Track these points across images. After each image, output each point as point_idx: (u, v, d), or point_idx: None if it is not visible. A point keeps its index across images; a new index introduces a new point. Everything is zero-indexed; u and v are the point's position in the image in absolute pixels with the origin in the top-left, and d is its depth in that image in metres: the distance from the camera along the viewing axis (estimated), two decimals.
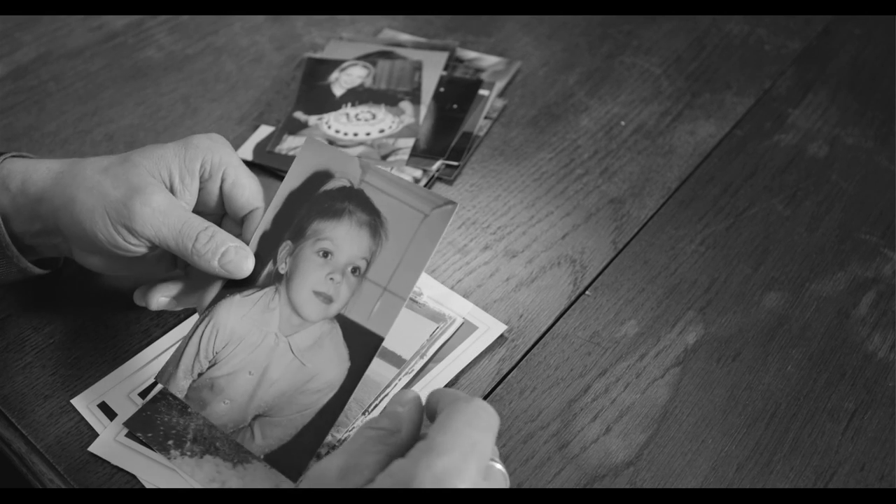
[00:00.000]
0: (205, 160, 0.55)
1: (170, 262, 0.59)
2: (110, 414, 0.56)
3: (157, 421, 0.55)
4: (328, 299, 0.53)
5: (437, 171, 0.73)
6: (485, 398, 0.57)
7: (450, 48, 0.85)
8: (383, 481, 0.39)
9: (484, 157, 0.75)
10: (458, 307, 0.62)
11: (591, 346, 0.61)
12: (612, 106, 0.80)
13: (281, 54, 0.86)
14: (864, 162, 0.75)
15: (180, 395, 0.53)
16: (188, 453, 0.53)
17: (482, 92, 0.80)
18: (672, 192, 0.72)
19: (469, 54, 0.85)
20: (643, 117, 0.79)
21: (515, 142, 0.77)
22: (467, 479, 0.38)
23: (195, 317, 0.61)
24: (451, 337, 0.60)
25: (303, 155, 0.56)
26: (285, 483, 0.51)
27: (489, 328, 0.61)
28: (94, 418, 0.55)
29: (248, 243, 0.55)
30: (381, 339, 0.51)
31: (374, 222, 0.54)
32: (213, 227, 0.53)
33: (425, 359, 0.58)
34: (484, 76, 0.82)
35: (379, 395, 0.56)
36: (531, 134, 0.77)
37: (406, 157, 0.73)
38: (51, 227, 0.55)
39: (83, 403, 0.56)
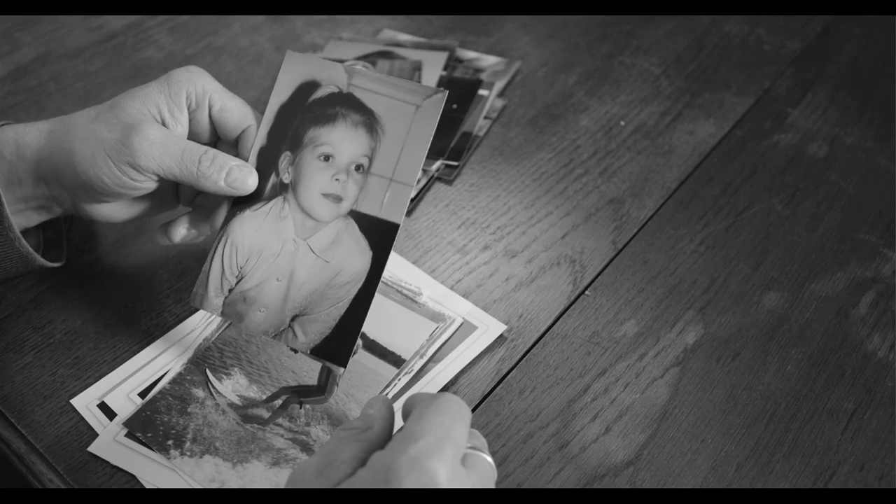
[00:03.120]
0: (189, 91, 0.56)
1: (172, 201, 0.60)
2: (110, 414, 0.56)
3: (157, 421, 0.55)
4: (337, 199, 0.55)
5: (437, 170, 0.73)
6: (484, 398, 0.57)
7: (449, 48, 0.85)
8: (363, 473, 0.40)
9: (483, 157, 0.75)
10: (458, 307, 0.62)
11: (590, 346, 0.61)
12: (612, 106, 0.80)
13: (281, 54, 0.86)
14: (864, 162, 0.75)
15: (216, 313, 0.56)
16: (188, 453, 0.53)
17: (482, 92, 0.80)
18: (672, 192, 0.72)
19: (469, 54, 0.85)
20: (643, 117, 0.79)
21: (515, 142, 0.77)
22: (444, 460, 0.39)
23: (194, 317, 0.61)
24: (450, 337, 0.60)
25: (287, 68, 0.57)
26: (283, 484, 0.51)
27: (489, 328, 0.61)
28: (94, 418, 0.55)
29: (246, 161, 0.56)
30: (397, 226, 0.54)
31: (369, 121, 0.56)
32: (212, 150, 0.55)
33: (425, 358, 0.59)
34: (483, 76, 0.82)
35: (381, 394, 0.56)
36: (531, 134, 0.77)
37: None
38: (53, 185, 0.55)
39: (83, 403, 0.56)
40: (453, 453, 0.40)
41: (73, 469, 0.53)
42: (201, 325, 0.60)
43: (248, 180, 0.55)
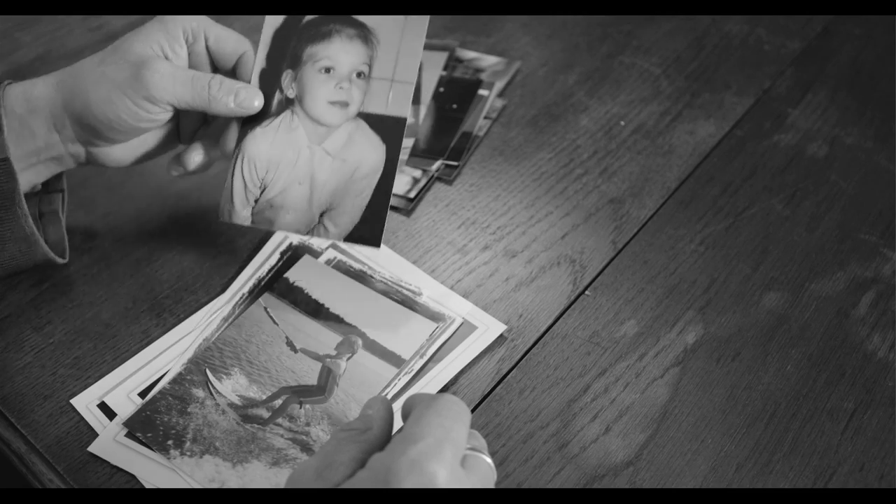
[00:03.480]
0: (185, 27, 0.59)
1: (174, 139, 0.63)
2: (110, 414, 0.55)
3: (157, 421, 0.55)
4: (344, 104, 0.60)
5: (437, 171, 0.73)
6: (484, 398, 0.57)
7: (449, 48, 0.85)
8: (362, 475, 0.40)
9: (483, 157, 0.75)
10: (458, 307, 0.62)
11: (590, 345, 0.61)
12: (612, 106, 0.80)
13: None
14: (864, 162, 0.75)
15: (247, 223, 0.60)
16: (188, 453, 0.53)
17: (482, 92, 0.80)
18: (672, 192, 0.72)
19: (468, 54, 0.85)
20: (643, 117, 0.79)
21: (515, 142, 0.77)
22: (443, 462, 0.39)
23: (194, 317, 0.61)
24: (450, 337, 0.60)
25: None
26: (282, 484, 0.51)
27: (489, 328, 0.61)
28: (94, 418, 0.55)
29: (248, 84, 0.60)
30: (404, 119, 0.59)
31: (363, 33, 0.61)
32: (219, 75, 0.58)
33: (425, 358, 0.59)
34: (483, 76, 0.82)
35: (380, 394, 0.56)
36: (531, 134, 0.77)
37: (406, 156, 0.74)
38: (66, 134, 0.58)
39: (83, 403, 0.56)
40: (453, 455, 0.40)
41: (73, 469, 0.53)
42: (202, 324, 0.60)
43: (255, 100, 0.59)
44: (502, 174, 0.74)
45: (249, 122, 0.60)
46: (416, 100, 0.79)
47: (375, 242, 0.58)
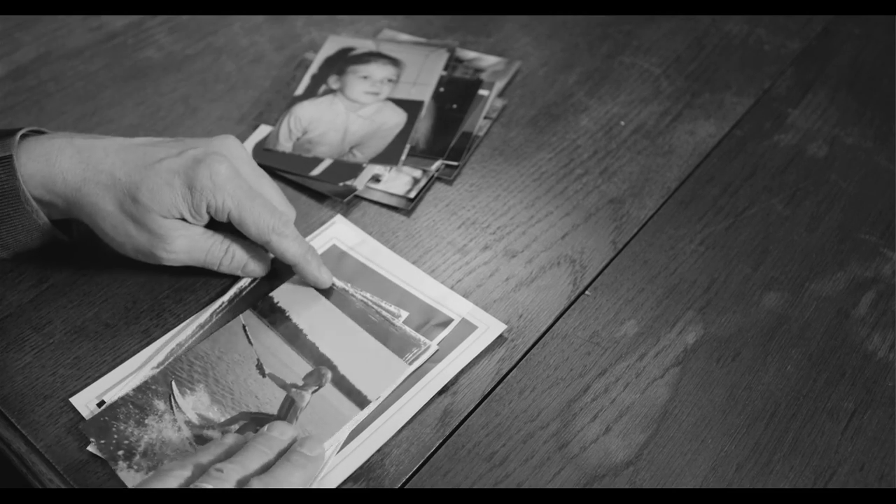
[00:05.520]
0: (209, 204, 0.58)
1: None
2: None
3: (113, 429, 0.54)
4: (376, 95, 0.79)
5: (437, 170, 0.73)
6: (484, 398, 0.57)
7: (449, 48, 0.85)
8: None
9: (483, 157, 0.75)
10: (458, 307, 0.62)
11: (590, 345, 0.61)
12: (612, 106, 0.80)
13: (280, 54, 0.86)
14: (864, 162, 0.75)
15: (287, 150, 0.73)
16: (135, 467, 0.52)
17: (482, 92, 0.80)
18: (672, 192, 0.72)
19: (469, 54, 0.85)
20: (643, 117, 0.79)
21: (515, 142, 0.77)
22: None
23: (189, 319, 0.61)
24: (424, 362, 0.59)
25: (331, 40, 0.85)
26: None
27: (489, 328, 0.61)
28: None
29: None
30: (423, 102, 0.78)
31: (394, 61, 0.82)
32: (232, 247, 0.61)
33: (382, 399, 0.57)
34: (483, 76, 0.82)
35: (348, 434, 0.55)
36: (531, 134, 0.77)
37: (405, 156, 0.74)
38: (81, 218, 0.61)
39: (83, 403, 0.56)
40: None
41: (73, 469, 0.53)
42: (179, 328, 0.60)
43: (261, 269, 0.63)
44: (502, 174, 0.74)
45: (297, 99, 0.78)
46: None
47: (395, 161, 0.72)
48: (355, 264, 0.65)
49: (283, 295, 0.62)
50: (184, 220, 0.59)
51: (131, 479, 0.52)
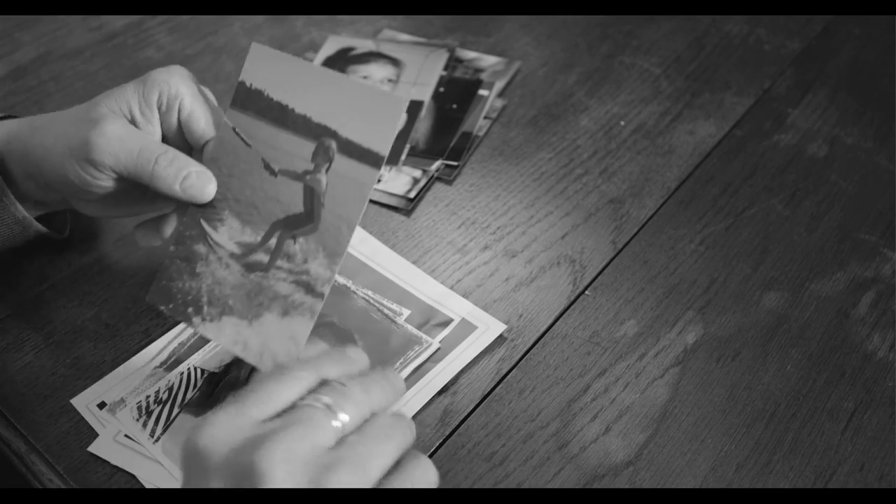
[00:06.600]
0: (161, 92, 0.54)
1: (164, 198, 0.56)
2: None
3: (174, 289, 0.54)
4: None
5: (437, 170, 0.73)
6: (484, 398, 0.57)
7: (449, 48, 0.85)
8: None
9: (483, 157, 0.75)
10: (458, 307, 0.62)
11: (590, 345, 0.61)
12: (612, 106, 0.80)
13: None
14: (864, 162, 0.75)
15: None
16: (207, 318, 0.52)
17: (482, 92, 0.80)
18: (672, 192, 0.72)
19: (469, 54, 0.85)
20: (643, 117, 0.79)
21: (515, 142, 0.77)
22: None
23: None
24: (426, 360, 0.59)
25: (330, 40, 0.85)
26: (298, 335, 0.50)
27: (489, 328, 0.61)
28: (94, 418, 0.55)
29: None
30: (422, 101, 0.79)
31: (394, 61, 0.83)
32: (174, 151, 0.52)
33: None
34: (483, 76, 0.82)
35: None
36: (531, 134, 0.77)
37: (405, 156, 0.74)
38: (40, 182, 0.55)
39: (83, 403, 0.56)
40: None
41: (73, 469, 0.53)
42: (180, 328, 0.60)
43: (206, 188, 0.52)
44: (502, 174, 0.74)
45: None
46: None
47: (395, 161, 0.73)
48: (355, 263, 0.65)
49: (253, 73, 0.55)
50: (132, 123, 0.54)
51: (211, 331, 0.52)
